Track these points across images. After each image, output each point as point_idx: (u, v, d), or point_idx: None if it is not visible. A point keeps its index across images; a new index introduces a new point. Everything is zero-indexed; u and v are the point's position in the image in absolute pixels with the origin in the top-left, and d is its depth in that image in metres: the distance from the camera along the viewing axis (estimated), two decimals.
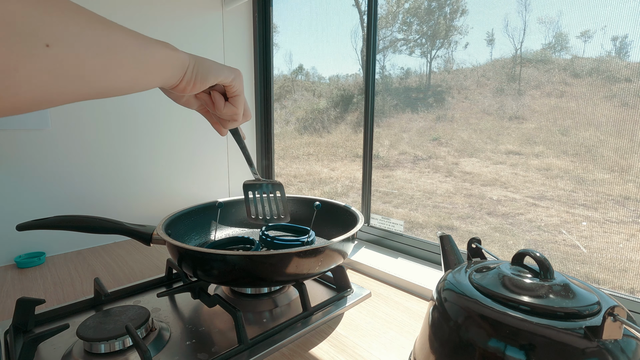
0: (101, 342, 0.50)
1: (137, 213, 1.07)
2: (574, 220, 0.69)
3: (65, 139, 0.93)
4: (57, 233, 0.92)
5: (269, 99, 1.29)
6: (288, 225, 0.83)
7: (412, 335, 0.58)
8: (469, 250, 0.53)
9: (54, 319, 0.62)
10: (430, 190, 0.91)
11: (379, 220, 0.98)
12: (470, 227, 0.84)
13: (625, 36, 0.59)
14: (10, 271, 0.84)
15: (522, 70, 0.74)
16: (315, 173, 1.27)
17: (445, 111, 0.86)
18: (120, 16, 0.97)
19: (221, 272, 0.57)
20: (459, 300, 0.40)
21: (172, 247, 0.58)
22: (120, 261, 0.90)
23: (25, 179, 0.89)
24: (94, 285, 0.67)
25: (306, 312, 0.62)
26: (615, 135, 0.62)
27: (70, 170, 0.95)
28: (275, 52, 1.27)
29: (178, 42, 1.06)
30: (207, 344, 0.54)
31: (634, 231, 0.63)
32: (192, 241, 0.77)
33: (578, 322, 0.34)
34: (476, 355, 0.36)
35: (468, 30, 0.80)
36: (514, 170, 0.77)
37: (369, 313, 0.65)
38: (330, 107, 1.21)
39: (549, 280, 0.38)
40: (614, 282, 0.65)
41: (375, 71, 0.95)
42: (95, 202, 1.00)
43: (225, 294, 0.69)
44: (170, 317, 0.62)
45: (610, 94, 0.62)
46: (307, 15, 1.19)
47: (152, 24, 1.03)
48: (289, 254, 0.55)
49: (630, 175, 0.61)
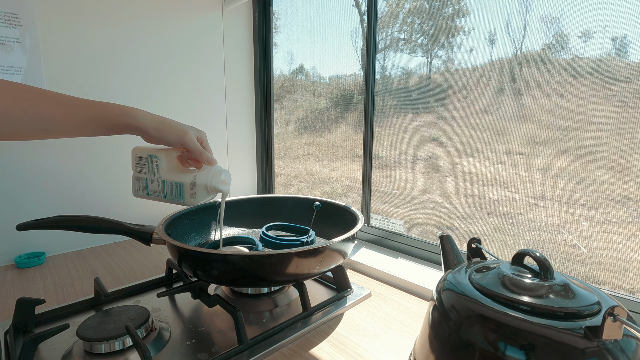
0: (101, 342, 0.50)
1: (137, 213, 1.07)
2: (574, 220, 0.69)
3: (66, 138, 0.93)
4: (57, 233, 0.92)
5: (269, 99, 1.29)
6: (288, 225, 0.83)
7: (412, 335, 0.58)
8: (469, 250, 0.53)
9: (54, 319, 0.62)
10: (430, 190, 0.91)
11: (379, 220, 0.97)
12: (470, 227, 0.84)
13: (625, 36, 0.59)
14: (10, 271, 0.84)
15: (523, 70, 0.74)
16: (315, 173, 1.27)
17: (446, 111, 0.86)
18: (120, 16, 0.97)
19: (221, 272, 0.57)
20: (459, 300, 0.40)
21: (172, 247, 0.58)
22: (120, 261, 0.90)
23: (25, 179, 0.89)
24: (94, 285, 0.67)
25: (306, 312, 0.62)
26: (616, 135, 0.62)
27: (70, 170, 0.95)
28: (275, 52, 1.27)
29: (178, 42, 1.07)
30: (207, 344, 0.54)
31: (634, 231, 0.63)
32: (192, 241, 0.77)
33: (578, 322, 0.34)
34: (476, 355, 0.36)
35: (469, 31, 0.80)
36: (514, 170, 0.77)
37: (369, 313, 0.65)
38: (330, 107, 1.21)
39: (549, 280, 0.38)
40: (614, 282, 0.65)
41: (376, 71, 0.95)
42: (95, 202, 1.00)
43: (225, 294, 0.69)
44: (170, 317, 0.62)
45: (610, 94, 0.62)
46: (307, 15, 1.19)
47: (152, 24, 1.03)
48: (289, 254, 0.55)
49: (631, 175, 0.61)
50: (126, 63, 1.00)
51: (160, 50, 1.05)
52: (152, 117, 0.52)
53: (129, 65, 1.00)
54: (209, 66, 1.17)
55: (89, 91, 0.95)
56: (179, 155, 0.59)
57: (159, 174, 0.58)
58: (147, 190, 0.59)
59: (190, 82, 1.13)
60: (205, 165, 0.58)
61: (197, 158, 0.56)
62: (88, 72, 0.94)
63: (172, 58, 1.08)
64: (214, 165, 0.58)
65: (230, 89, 1.24)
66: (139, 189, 0.60)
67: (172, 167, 0.58)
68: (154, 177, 0.58)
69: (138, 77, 1.02)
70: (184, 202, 0.58)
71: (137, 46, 1.01)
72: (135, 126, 0.50)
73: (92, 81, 0.95)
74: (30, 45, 0.84)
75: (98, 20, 0.94)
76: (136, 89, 1.03)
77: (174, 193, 0.58)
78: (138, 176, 0.60)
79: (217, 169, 0.59)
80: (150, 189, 0.59)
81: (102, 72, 0.96)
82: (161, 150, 0.58)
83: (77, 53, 0.92)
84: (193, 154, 0.56)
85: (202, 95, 1.17)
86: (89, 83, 0.95)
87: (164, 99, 1.08)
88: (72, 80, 0.92)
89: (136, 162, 0.60)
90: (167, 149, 0.58)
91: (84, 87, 0.94)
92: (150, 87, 1.05)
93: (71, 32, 0.91)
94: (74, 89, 0.92)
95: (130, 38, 1.00)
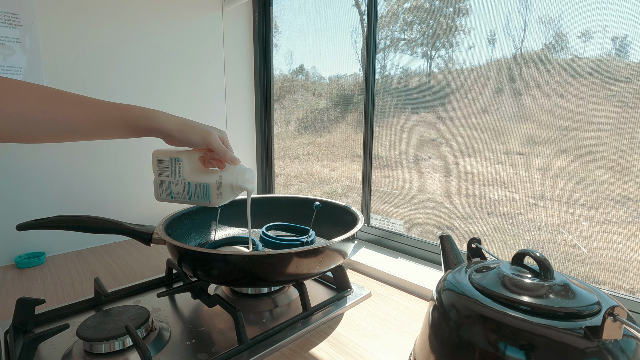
0: (101, 342, 0.50)
1: (137, 213, 1.07)
2: (574, 220, 0.69)
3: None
4: (57, 233, 0.92)
5: (269, 99, 1.29)
6: (288, 225, 0.83)
7: (412, 335, 0.58)
8: (469, 250, 0.53)
9: (54, 319, 0.62)
10: (430, 190, 0.91)
11: (379, 220, 0.97)
12: (470, 227, 0.84)
13: (625, 36, 0.59)
14: (10, 271, 0.84)
15: (523, 70, 0.74)
16: (315, 173, 1.27)
17: (446, 111, 0.86)
18: (120, 16, 0.97)
19: (221, 272, 0.57)
20: (459, 300, 0.40)
21: (172, 247, 0.58)
22: (120, 261, 0.90)
23: (25, 179, 0.89)
24: (94, 285, 0.67)
25: (306, 312, 0.62)
26: (616, 135, 0.62)
27: (70, 170, 0.95)
28: (275, 52, 1.27)
29: (178, 42, 1.07)
30: (207, 344, 0.54)
31: (634, 231, 0.63)
32: (192, 241, 0.77)
33: (578, 322, 0.34)
34: (476, 355, 0.36)
35: (469, 31, 0.80)
36: (514, 170, 0.77)
37: (369, 313, 0.65)
38: (330, 107, 1.21)
39: (549, 280, 0.38)
40: (614, 282, 0.65)
41: (376, 71, 0.95)
42: (95, 202, 1.00)
43: (225, 294, 0.69)
44: (170, 317, 0.62)
45: (610, 94, 0.62)
46: (307, 15, 1.19)
47: (152, 24, 1.03)
48: (289, 254, 0.55)
49: (630, 175, 0.61)
50: (126, 63, 1.00)
51: (160, 50, 1.05)
52: (175, 118, 0.51)
53: (129, 65, 1.00)
54: (209, 66, 1.17)
55: (89, 91, 0.94)
56: (201, 156, 0.58)
57: (183, 176, 0.57)
58: (171, 193, 0.59)
59: (190, 82, 1.13)
60: (228, 164, 0.57)
61: (221, 158, 0.55)
62: (88, 72, 0.94)
63: (172, 58, 1.08)
64: (238, 164, 0.58)
65: (230, 89, 1.24)
66: (162, 193, 0.59)
67: (195, 169, 0.57)
68: (178, 179, 0.57)
69: (138, 77, 1.02)
70: (211, 203, 0.57)
71: (137, 46, 1.01)
72: (157, 129, 0.49)
73: (92, 81, 0.95)
74: (30, 45, 0.84)
75: (98, 20, 0.94)
76: (136, 89, 1.03)
77: (200, 194, 0.57)
78: (160, 180, 0.59)
79: (242, 168, 0.58)
80: (174, 191, 0.58)
81: (102, 72, 0.96)
82: (183, 152, 0.57)
83: (77, 53, 0.92)
84: (217, 154, 0.55)
85: (202, 95, 1.17)
86: (89, 83, 0.95)
87: (164, 99, 1.08)
88: (72, 80, 0.92)
89: (157, 165, 0.59)
90: (188, 150, 0.58)
91: (84, 87, 0.94)
92: (150, 87, 1.05)
93: (71, 32, 0.91)
94: (74, 89, 0.91)
95: (130, 38, 1.00)
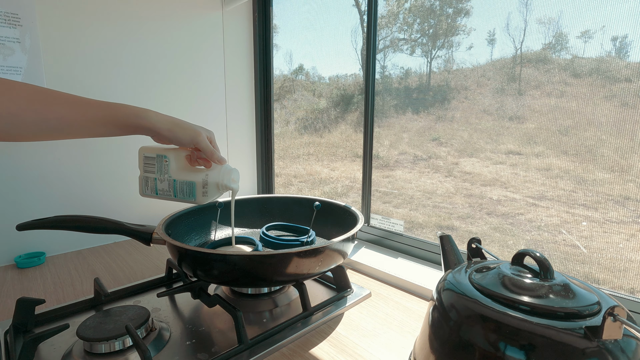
0: (101, 342, 0.50)
1: (137, 213, 1.07)
2: (574, 220, 0.69)
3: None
4: (57, 233, 0.92)
5: (269, 99, 1.29)
6: (288, 225, 0.83)
7: (412, 335, 0.58)
8: (469, 250, 0.53)
9: (54, 319, 0.62)
10: (430, 190, 0.91)
11: (379, 220, 0.97)
12: (470, 227, 0.84)
13: (625, 36, 0.59)
14: (10, 271, 0.84)
15: (523, 70, 0.74)
16: (315, 173, 1.27)
17: (446, 111, 0.86)
18: (120, 16, 0.97)
19: (221, 272, 0.57)
20: (459, 301, 0.40)
21: (172, 247, 0.58)
22: (120, 261, 0.90)
23: (25, 179, 0.89)
24: (94, 285, 0.67)
25: (306, 312, 0.62)
26: (616, 135, 0.62)
27: (71, 170, 0.95)
28: (275, 52, 1.27)
29: (178, 42, 1.07)
30: (207, 344, 0.54)
31: (634, 231, 0.63)
32: (192, 241, 0.77)
33: (578, 322, 0.34)
34: (476, 355, 0.36)
35: (469, 31, 0.80)
36: (514, 170, 0.77)
37: (369, 313, 0.65)
38: (330, 107, 1.21)
39: (549, 280, 0.38)
40: (614, 282, 0.65)
41: (376, 71, 0.95)
42: (95, 202, 1.00)
43: (225, 294, 0.69)
44: (170, 317, 0.62)
45: (610, 94, 0.62)
46: (307, 15, 1.19)
47: (152, 24, 1.03)
48: (289, 254, 0.55)
49: (630, 175, 0.61)
50: (126, 63, 1.00)
51: (160, 50, 1.05)
52: (164, 117, 0.52)
53: (129, 65, 1.00)
54: (209, 66, 1.17)
55: (89, 91, 0.95)
56: (188, 154, 0.59)
57: (169, 174, 0.58)
58: (156, 189, 0.60)
59: (190, 82, 1.13)
60: (214, 164, 0.58)
61: (208, 158, 0.57)
62: (88, 72, 0.94)
63: (172, 58, 1.08)
64: (224, 164, 0.59)
65: (230, 89, 1.24)
66: (147, 189, 0.60)
67: (182, 167, 0.58)
68: (164, 176, 0.58)
69: (138, 77, 1.02)
70: (195, 201, 0.58)
71: (137, 46, 1.01)
72: (147, 127, 0.50)
73: (92, 81, 0.95)
74: (30, 45, 0.84)
75: (98, 20, 0.94)
76: (136, 89, 1.03)
77: (185, 192, 0.58)
78: (146, 176, 0.60)
79: (228, 168, 0.59)
80: (160, 188, 0.59)
81: (102, 72, 0.96)
82: (170, 150, 0.58)
83: (77, 53, 0.92)
84: (205, 154, 0.56)
85: (202, 95, 1.17)
86: (89, 83, 0.95)
87: (163, 99, 1.08)
88: (72, 80, 0.92)
89: (144, 162, 0.60)
90: (175, 148, 0.59)
91: (84, 87, 0.94)
92: (150, 87, 1.05)
93: (71, 32, 0.91)
94: (74, 89, 0.91)
95: (130, 38, 1.00)
